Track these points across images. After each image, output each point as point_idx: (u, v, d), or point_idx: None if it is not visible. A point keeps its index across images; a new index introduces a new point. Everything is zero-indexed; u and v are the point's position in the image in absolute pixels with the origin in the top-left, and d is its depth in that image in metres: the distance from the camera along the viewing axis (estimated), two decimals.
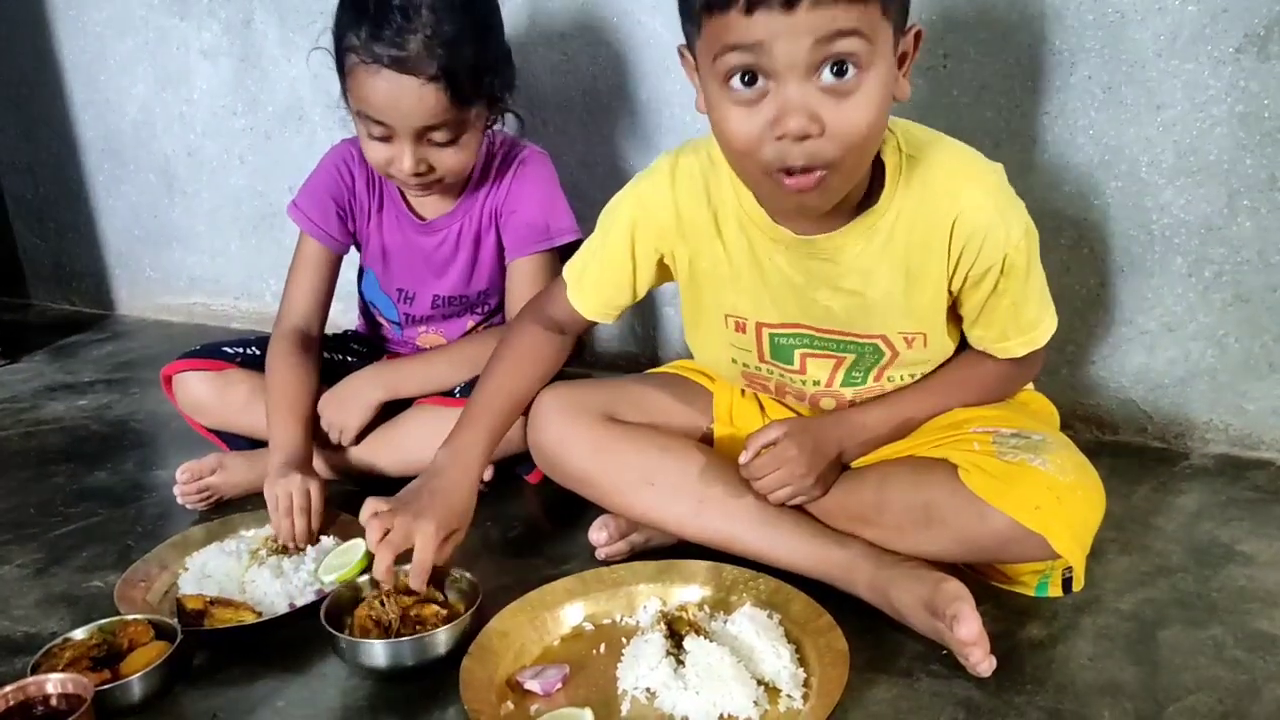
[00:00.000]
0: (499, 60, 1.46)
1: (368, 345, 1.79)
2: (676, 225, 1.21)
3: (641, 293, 1.30)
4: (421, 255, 1.62)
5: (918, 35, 1.01)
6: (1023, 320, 1.17)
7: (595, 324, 1.35)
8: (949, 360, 1.25)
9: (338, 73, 1.42)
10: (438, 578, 1.20)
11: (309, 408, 1.51)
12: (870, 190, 1.11)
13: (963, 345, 1.25)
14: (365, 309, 1.78)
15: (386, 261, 1.65)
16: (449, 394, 1.53)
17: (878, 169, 1.11)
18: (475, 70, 1.38)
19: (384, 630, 1.14)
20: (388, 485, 1.53)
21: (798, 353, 1.24)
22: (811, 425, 1.23)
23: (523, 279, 1.56)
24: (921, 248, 1.12)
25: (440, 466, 1.23)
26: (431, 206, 1.60)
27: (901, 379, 1.25)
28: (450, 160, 1.43)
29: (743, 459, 1.21)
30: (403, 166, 1.40)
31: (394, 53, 1.33)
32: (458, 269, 1.62)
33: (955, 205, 1.09)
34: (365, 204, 1.62)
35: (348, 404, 1.55)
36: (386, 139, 1.40)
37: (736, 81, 0.97)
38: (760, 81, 0.96)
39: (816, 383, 1.26)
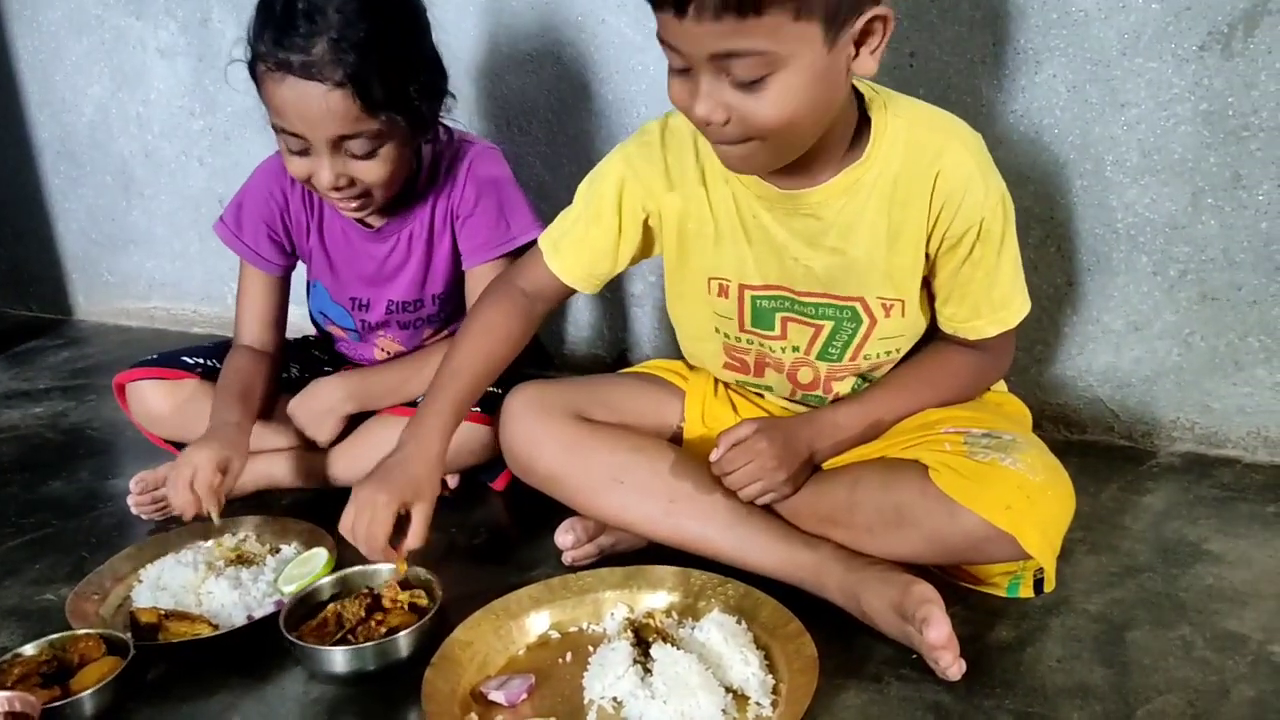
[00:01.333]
0: (419, 67, 1.38)
1: (329, 352, 1.74)
2: (665, 181, 1.21)
3: (624, 261, 1.28)
4: (373, 263, 1.56)
5: (883, 20, 1.00)
6: (995, 296, 1.18)
7: (569, 294, 1.32)
8: (919, 354, 1.25)
9: (255, 83, 1.35)
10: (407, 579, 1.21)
11: (256, 398, 1.48)
12: (856, 145, 1.12)
13: (934, 334, 1.25)
14: (316, 322, 1.72)
15: (335, 273, 1.59)
16: (410, 403, 1.50)
17: (864, 124, 1.12)
18: (389, 77, 1.31)
19: (344, 631, 1.15)
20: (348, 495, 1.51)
21: (778, 316, 1.23)
22: (782, 423, 1.23)
23: (481, 285, 1.48)
24: (903, 205, 1.13)
25: (401, 441, 1.22)
26: (378, 213, 1.53)
27: (877, 357, 1.24)
28: (372, 174, 1.36)
29: (714, 455, 1.20)
30: (321, 180, 1.34)
31: (298, 58, 1.27)
32: (410, 273, 1.56)
33: (938, 160, 1.11)
34: (303, 220, 1.56)
35: (318, 417, 1.52)
36: (304, 152, 1.34)
37: (671, 61, 1.01)
38: (687, 65, 1.00)
39: (796, 349, 1.25)
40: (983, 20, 1.48)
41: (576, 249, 1.28)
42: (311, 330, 1.79)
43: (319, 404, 1.52)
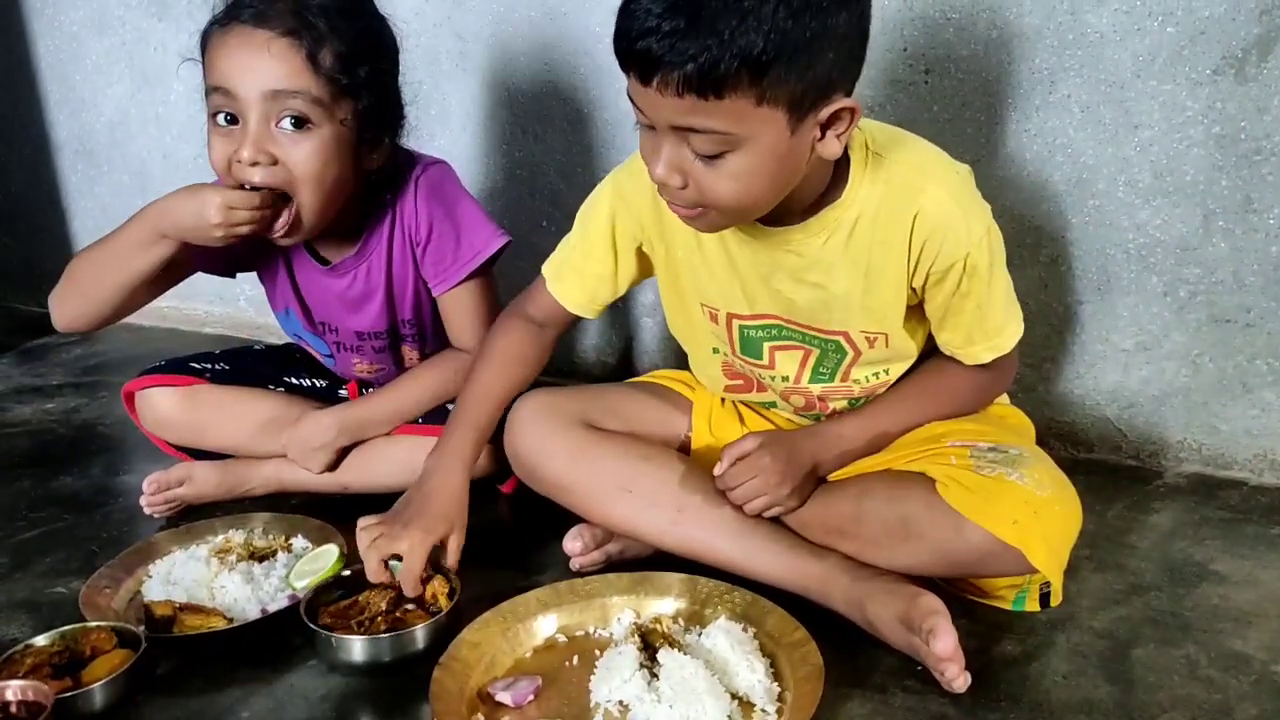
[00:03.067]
0: (379, 60, 1.33)
1: (311, 359, 1.71)
2: (654, 212, 1.22)
3: (623, 286, 1.31)
4: (334, 294, 1.50)
5: (850, 110, 1.00)
6: (988, 325, 1.18)
7: (577, 320, 1.35)
8: (922, 366, 1.26)
9: (202, 66, 1.30)
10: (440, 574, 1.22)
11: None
12: (836, 185, 1.13)
13: (934, 350, 1.25)
14: (294, 344, 1.70)
15: (304, 300, 1.55)
16: (412, 422, 1.51)
17: (842, 165, 1.12)
18: (341, 48, 1.27)
19: (363, 615, 1.18)
20: (352, 496, 1.52)
21: (766, 346, 1.25)
22: (786, 437, 1.24)
23: (457, 310, 1.49)
24: (883, 245, 1.13)
25: (427, 472, 1.26)
26: (332, 247, 1.47)
27: (868, 379, 1.25)
28: (299, 161, 1.27)
29: (718, 470, 1.22)
30: (244, 152, 1.24)
31: (251, 9, 1.25)
32: (374, 308, 1.50)
33: (916, 201, 1.10)
34: (259, 242, 1.39)
35: (311, 453, 1.50)
36: (231, 122, 1.26)
37: (638, 116, 1.03)
38: (650, 123, 1.02)
39: (785, 378, 1.26)
40: (999, 40, 1.49)
41: (577, 277, 1.31)
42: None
43: (312, 440, 1.50)
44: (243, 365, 1.60)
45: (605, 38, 1.79)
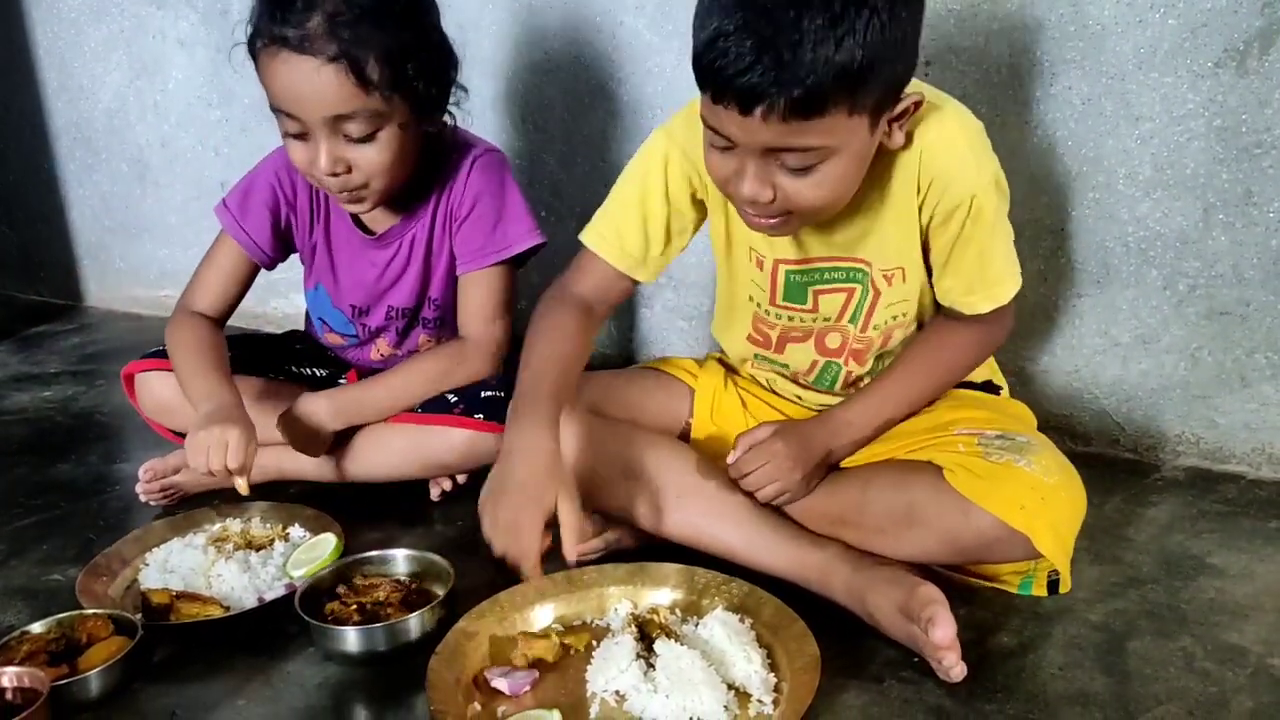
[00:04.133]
0: (421, 49, 1.35)
1: (313, 348, 1.72)
2: None
3: (676, 239, 1.28)
4: (374, 269, 1.54)
5: (916, 103, 1.04)
6: (989, 274, 1.18)
7: (629, 289, 1.31)
8: (918, 338, 1.26)
9: (254, 63, 1.34)
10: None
11: (223, 360, 1.45)
12: None
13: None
14: (314, 329, 1.70)
15: (337, 277, 1.58)
16: (412, 408, 1.50)
17: None
18: (386, 55, 1.29)
19: (361, 601, 1.18)
20: (356, 484, 1.52)
21: (810, 290, 1.25)
22: (798, 425, 1.25)
23: (475, 292, 1.50)
24: (896, 178, 1.15)
25: (509, 449, 1.16)
26: (380, 218, 1.51)
27: (886, 324, 1.25)
28: (371, 160, 1.33)
29: (731, 457, 1.22)
30: (320, 166, 1.32)
31: (293, 32, 1.26)
32: (410, 280, 1.54)
33: (925, 135, 1.12)
34: (307, 218, 1.54)
35: (306, 438, 1.48)
36: (302, 136, 1.32)
37: (713, 140, 1.05)
38: (732, 145, 1.03)
39: (826, 319, 1.26)
40: (1000, 31, 1.49)
41: (627, 231, 1.27)
42: (300, 325, 1.78)
43: (307, 423, 1.48)
44: (243, 353, 1.60)
45: (607, 27, 1.80)
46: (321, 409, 1.49)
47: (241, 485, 1.31)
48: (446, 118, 1.46)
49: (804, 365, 1.32)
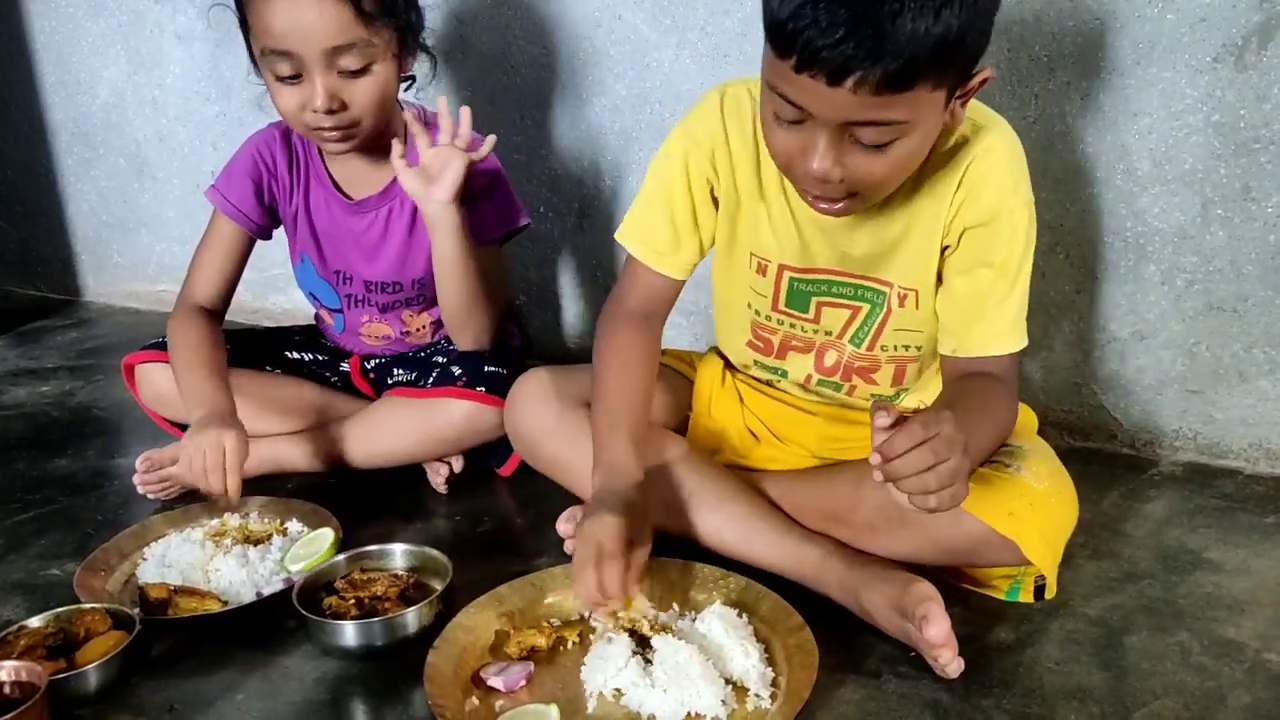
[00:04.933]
0: None
1: (311, 341, 1.73)
2: (726, 148, 1.20)
3: (705, 236, 1.26)
4: (351, 236, 1.56)
5: (983, 80, 1.01)
6: (991, 312, 1.13)
7: (676, 290, 1.29)
8: (956, 390, 1.16)
9: (241, 29, 1.37)
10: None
11: (221, 363, 1.45)
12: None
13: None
14: (313, 306, 1.72)
15: (319, 245, 1.59)
16: (416, 384, 1.51)
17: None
18: None
19: (358, 594, 1.18)
20: (354, 478, 1.52)
21: (814, 300, 1.23)
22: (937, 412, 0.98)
23: None
24: (928, 192, 1.12)
25: (601, 493, 1.15)
26: (360, 183, 1.53)
27: (895, 350, 1.24)
28: (364, 93, 1.37)
29: (877, 438, 0.94)
30: (316, 102, 1.34)
31: None
32: (389, 254, 1.55)
33: (973, 150, 1.09)
34: (287, 185, 1.56)
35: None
36: (295, 77, 1.34)
37: (782, 113, 0.99)
38: (804, 118, 0.98)
39: (828, 333, 1.25)
40: (999, 26, 1.46)
41: (660, 229, 1.25)
42: (299, 320, 1.79)
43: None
44: (241, 346, 1.60)
45: (604, 22, 1.80)
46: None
47: (233, 488, 1.31)
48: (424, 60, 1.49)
49: (801, 377, 1.31)
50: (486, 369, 1.48)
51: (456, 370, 1.48)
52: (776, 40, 0.93)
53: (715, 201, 1.24)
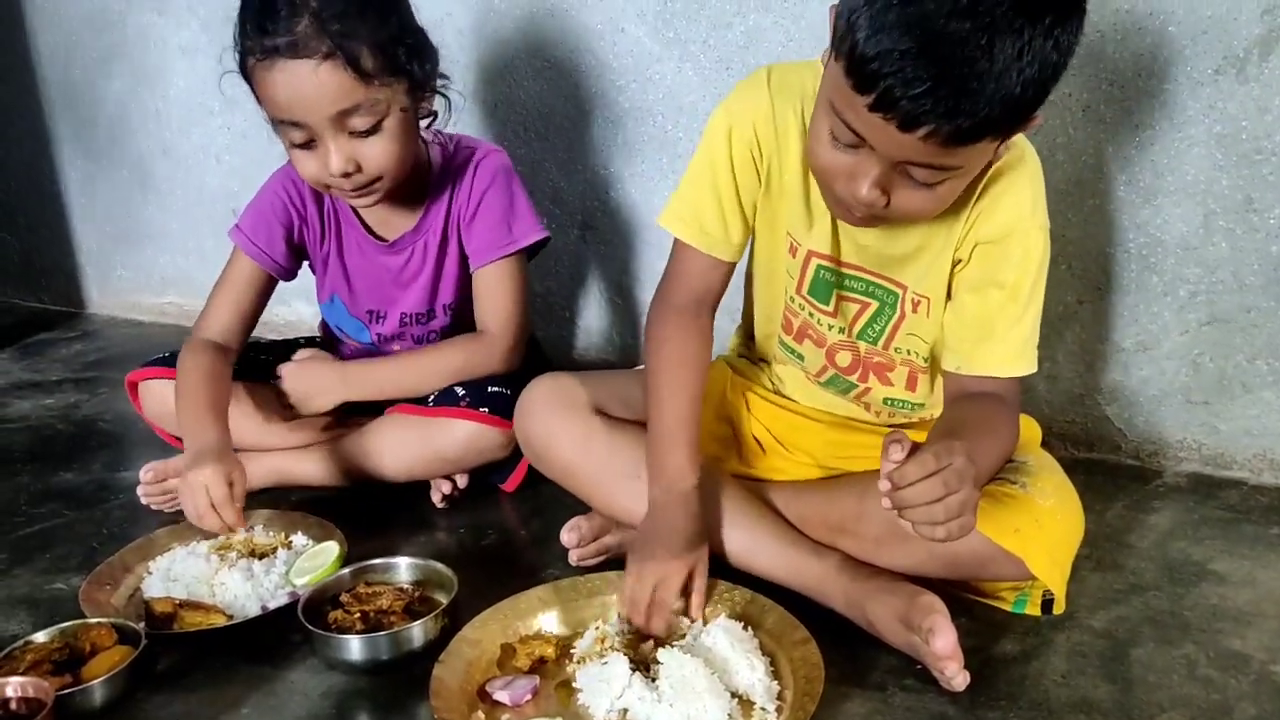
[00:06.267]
0: (407, 33, 1.37)
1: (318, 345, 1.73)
2: (771, 124, 1.18)
3: (751, 215, 1.24)
4: (388, 275, 1.57)
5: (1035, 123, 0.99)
6: (1002, 333, 1.13)
7: (725, 275, 1.27)
8: (958, 410, 1.16)
9: (250, 89, 1.35)
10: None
11: (221, 398, 1.44)
12: None
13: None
14: (328, 334, 1.73)
15: (351, 285, 1.60)
16: (421, 402, 1.51)
17: None
18: (378, 43, 1.31)
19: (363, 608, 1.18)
20: (359, 491, 1.52)
21: (835, 292, 1.23)
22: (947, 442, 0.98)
23: (489, 286, 1.52)
24: (952, 207, 1.11)
25: (656, 504, 1.19)
26: (392, 225, 1.54)
27: (908, 353, 1.23)
28: (379, 153, 1.35)
29: (886, 466, 0.94)
30: (332, 167, 1.33)
31: (283, 40, 1.27)
32: (422, 284, 1.57)
33: (994, 166, 1.09)
34: (318, 230, 1.57)
35: (312, 396, 1.52)
36: (309, 144, 1.34)
37: (840, 135, 0.99)
38: (861, 145, 0.98)
39: (841, 330, 1.25)
40: None
41: (708, 212, 1.22)
42: (302, 332, 1.80)
43: (316, 383, 1.52)
44: (245, 359, 1.60)
45: (606, 35, 1.81)
46: (332, 374, 1.52)
47: (233, 523, 1.31)
48: (439, 102, 1.48)
49: (815, 368, 1.31)
50: (490, 389, 1.48)
51: (460, 390, 1.48)
52: (856, 75, 0.91)
53: (759, 177, 1.22)
